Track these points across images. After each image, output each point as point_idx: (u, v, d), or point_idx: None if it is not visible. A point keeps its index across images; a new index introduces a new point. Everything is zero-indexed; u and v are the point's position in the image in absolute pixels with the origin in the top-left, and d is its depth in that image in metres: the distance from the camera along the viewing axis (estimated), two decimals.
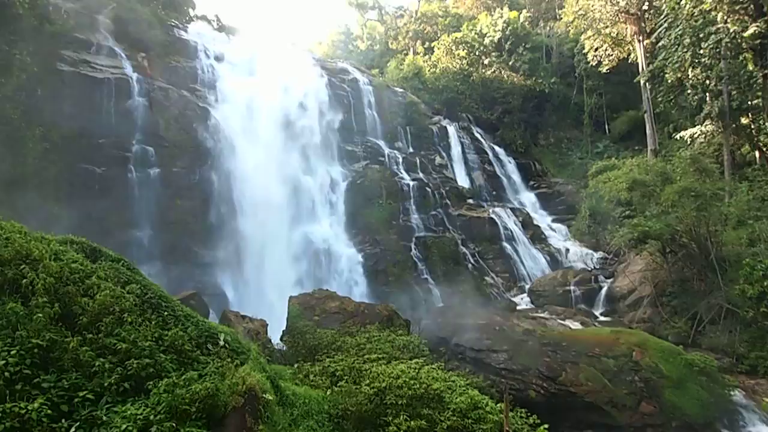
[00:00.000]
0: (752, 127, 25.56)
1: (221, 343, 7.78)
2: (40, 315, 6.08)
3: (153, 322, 7.21)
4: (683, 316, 20.39)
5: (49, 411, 5.19)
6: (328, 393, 8.97)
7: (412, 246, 26.14)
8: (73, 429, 5.23)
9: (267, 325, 15.12)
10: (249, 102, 26.38)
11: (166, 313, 7.68)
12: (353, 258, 24.63)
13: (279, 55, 32.39)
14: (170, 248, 20.50)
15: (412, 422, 7.73)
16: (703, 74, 25.59)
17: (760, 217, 21.35)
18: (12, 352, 5.52)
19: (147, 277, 8.74)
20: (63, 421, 5.27)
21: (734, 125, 25.28)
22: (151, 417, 5.57)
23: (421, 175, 30.10)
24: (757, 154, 26.81)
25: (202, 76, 26.63)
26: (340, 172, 28.19)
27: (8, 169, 17.47)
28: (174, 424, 5.59)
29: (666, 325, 20.37)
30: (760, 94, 23.21)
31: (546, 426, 9.13)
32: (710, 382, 15.66)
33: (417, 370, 9.06)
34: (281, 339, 14.31)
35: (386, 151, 30.91)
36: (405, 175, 29.44)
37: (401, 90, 36.73)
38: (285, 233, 23.86)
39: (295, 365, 10.97)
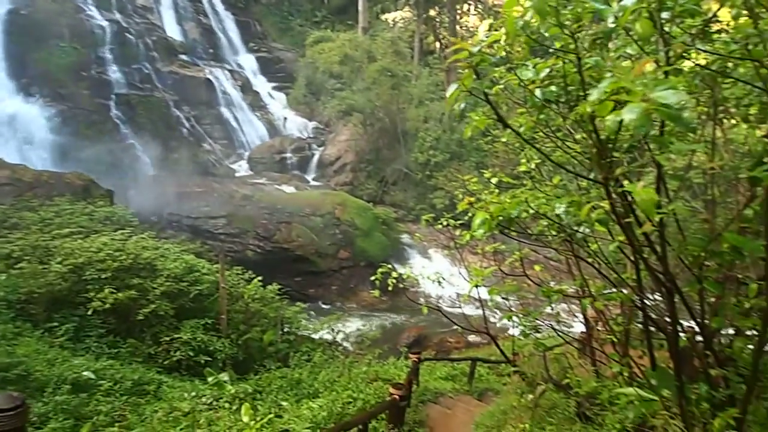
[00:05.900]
0: (437, 20, 30.11)
1: None
2: None
3: None
4: (375, 179, 24.64)
5: None
6: (3, 277, 7.49)
7: (112, 105, 22.26)
8: None
9: None
10: None
11: None
12: (27, 115, 19.45)
13: None
14: None
15: (120, 294, 7.32)
16: None
17: (433, 98, 26.37)
18: None
19: None
20: None
21: (425, 15, 29.19)
22: None
23: (118, 16, 24.67)
24: (437, 44, 32.10)
25: None
26: None
27: None
28: None
29: (362, 187, 24.32)
30: None
31: (260, 278, 10.11)
32: (388, 229, 20.21)
33: (123, 242, 8.39)
34: None
35: None
36: (96, 12, 23.62)
37: None
38: None
39: None
